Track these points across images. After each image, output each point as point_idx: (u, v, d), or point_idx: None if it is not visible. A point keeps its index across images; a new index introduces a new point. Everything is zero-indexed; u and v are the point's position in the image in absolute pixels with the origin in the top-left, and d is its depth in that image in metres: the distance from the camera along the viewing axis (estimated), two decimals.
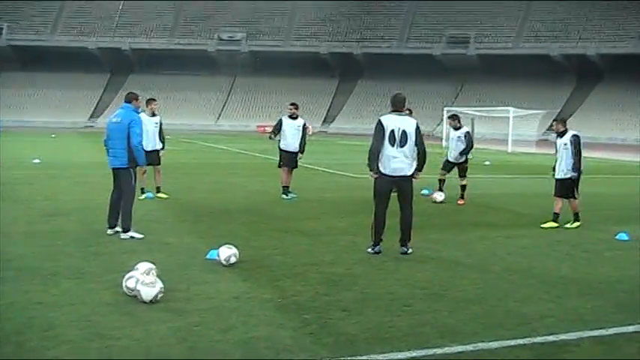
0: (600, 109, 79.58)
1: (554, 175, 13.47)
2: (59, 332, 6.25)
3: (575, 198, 13.20)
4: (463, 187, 16.82)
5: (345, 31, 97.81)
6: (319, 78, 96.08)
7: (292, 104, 16.72)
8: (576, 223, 13.14)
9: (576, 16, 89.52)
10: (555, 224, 13.12)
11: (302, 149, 16.59)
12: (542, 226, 13.04)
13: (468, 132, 16.94)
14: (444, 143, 49.27)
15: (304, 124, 16.73)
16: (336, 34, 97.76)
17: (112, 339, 6.11)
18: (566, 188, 13.15)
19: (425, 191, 16.98)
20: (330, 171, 24.82)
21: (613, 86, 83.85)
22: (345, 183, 21.09)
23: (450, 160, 16.96)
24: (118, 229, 10.85)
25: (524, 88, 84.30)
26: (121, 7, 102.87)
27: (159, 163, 16.16)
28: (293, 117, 16.51)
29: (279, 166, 16.68)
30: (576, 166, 13.00)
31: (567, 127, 13.33)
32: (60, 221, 12.51)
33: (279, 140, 16.57)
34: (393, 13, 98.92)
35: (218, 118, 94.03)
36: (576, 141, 13.05)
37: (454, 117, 17.38)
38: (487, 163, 32.05)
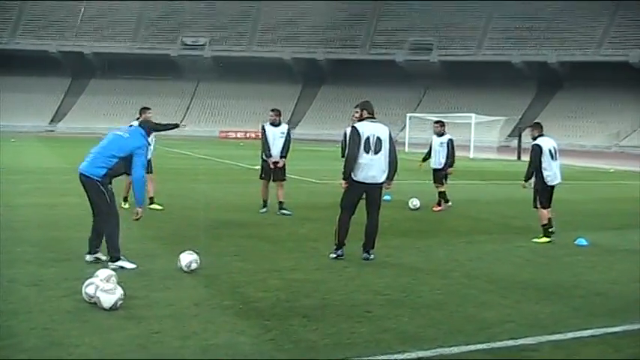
0: (560, 115, 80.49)
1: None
2: (17, 341, 6.17)
3: (535, 207, 12.87)
4: (441, 194, 16.91)
5: (308, 37, 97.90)
6: (282, 84, 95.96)
7: (273, 110, 15.58)
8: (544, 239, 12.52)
9: (537, 24, 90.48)
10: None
11: (284, 154, 15.29)
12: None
13: (451, 139, 17.02)
14: (406, 149, 49.61)
15: (288, 130, 15.58)
16: (300, 40, 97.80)
17: (71, 347, 6.05)
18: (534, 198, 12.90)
19: (386, 197, 17.04)
20: (293, 177, 24.76)
21: (572, 93, 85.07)
22: (306, 189, 21.10)
23: (436, 167, 17.05)
24: (100, 255, 9.37)
25: (486, 95, 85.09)
26: (82, 11, 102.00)
27: (151, 172, 15.71)
28: (275, 124, 15.33)
29: (261, 178, 15.49)
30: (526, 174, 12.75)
31: (541, 133, 12.81)
32: (19, 227, 12.34)
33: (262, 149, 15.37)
34: (357, 19, 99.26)
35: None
36: (532, 149, 12.77)
37: (441, 123, 17.45)
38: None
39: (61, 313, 7.05)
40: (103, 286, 7.24)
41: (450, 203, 16.97)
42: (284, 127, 15.40)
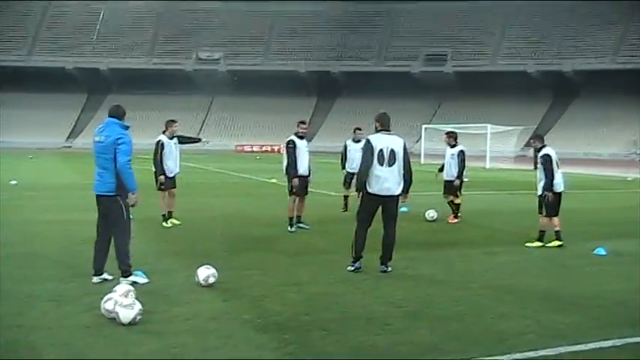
0: (576, 124, 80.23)
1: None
2: (37, 356, 6.20)
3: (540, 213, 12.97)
4: (457, 206, 16.81)
5: (323, 50, 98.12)
6: (297, 97, 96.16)
7: (304, 122, 15.33)
8: (538, 243, 12.83)
9: (552, 33, 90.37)
10: (540, 243, 12.84)
11: (309, 173, 15.15)
12: (527, 245, 12.86)
13: (462, 150, 16.88)
14: (421, 161, 49.54)
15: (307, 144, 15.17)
16: (314, 53, 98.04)
17: None
18: (540, 205, 13.04)
19: (404, 209, 16.99)
20: (308, 189, 24.75)
21: (589, 102, 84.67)
22: (322, 201, 21.07)
23: (447, 179, 16.97)
24: (106, 276, 9.27)
25: (502, 105, 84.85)
26: (98, 27, 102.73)
27: (174, 186, 15.59)
28: (301, 137, 14.82)
29: (291, 194, 14.77)
30: (546, 184, 12.71)
31: (544, 143, 13.07)
32: (37, 243, 12.40)
33: (290, 165, 14.66)
34: (371, 31, 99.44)
35: None
36: (544, 159, 12.77)
37: (451, 134, 17.33)
38: (465, 179, 32.12)
39: (80, 328, 7.08)
40: (122, 301, 7.27)
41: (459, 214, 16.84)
42: (305, 141, 15.05)
